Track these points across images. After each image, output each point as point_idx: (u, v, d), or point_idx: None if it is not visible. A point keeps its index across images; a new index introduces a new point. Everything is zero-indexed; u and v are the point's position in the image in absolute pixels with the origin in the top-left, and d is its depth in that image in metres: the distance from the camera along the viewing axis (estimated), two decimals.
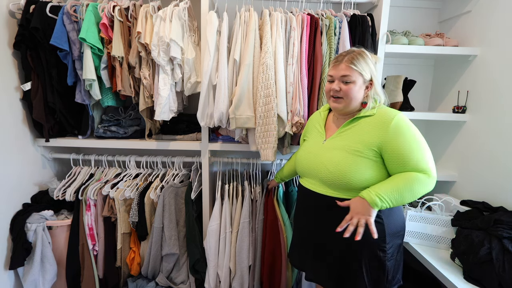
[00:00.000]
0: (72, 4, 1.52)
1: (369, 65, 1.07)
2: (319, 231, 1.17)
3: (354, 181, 1.04)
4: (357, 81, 1.06)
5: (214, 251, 1.69)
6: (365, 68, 1.06)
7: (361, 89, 1.08)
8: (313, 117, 1.34)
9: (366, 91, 1.09)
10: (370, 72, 1.07)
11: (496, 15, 1.52)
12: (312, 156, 1.17)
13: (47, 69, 1.56)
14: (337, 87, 1.08)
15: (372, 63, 1.09)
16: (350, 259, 1.10)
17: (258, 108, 1.46)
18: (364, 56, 1.07)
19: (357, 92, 1.07)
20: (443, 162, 1.86)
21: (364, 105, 1.10)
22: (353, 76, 1.05)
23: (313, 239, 1.20)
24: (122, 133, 1.75)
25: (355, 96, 1.07)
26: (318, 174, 1.12)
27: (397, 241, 1.12)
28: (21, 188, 1.65)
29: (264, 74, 1.42)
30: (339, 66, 1.08)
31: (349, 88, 1.06)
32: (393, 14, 1.59)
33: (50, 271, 1.61)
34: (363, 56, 1.07)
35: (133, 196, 1.68)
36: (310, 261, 1.22)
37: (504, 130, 1.44)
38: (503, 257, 1.14)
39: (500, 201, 1.41)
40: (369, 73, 1.07)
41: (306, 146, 1.26)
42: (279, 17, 1.46)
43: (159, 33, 1.43)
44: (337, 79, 1.09)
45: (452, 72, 1.81)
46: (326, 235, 1.13)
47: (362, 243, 1.01)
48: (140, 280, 1.72)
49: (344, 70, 1.06)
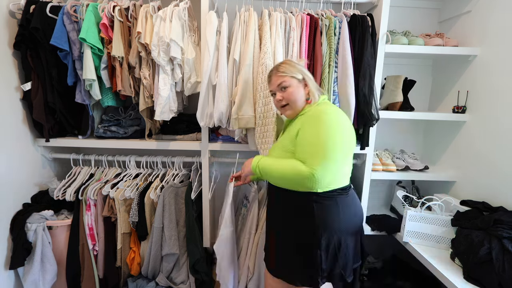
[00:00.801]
0: (72, 4, 1.52)
1: (295, 67, 1.17)
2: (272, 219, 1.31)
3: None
4: (292, 83, 1.16)
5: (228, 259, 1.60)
6: (293, 71, 1.16)
7: (299, 89, 1.17)
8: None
9: (306, 89, 1.19)
10: (299, 72, 1.17)
11: (496, 15, 1.52)
12: (270, 154, 1.30)
13: (47, 69, 1.56)
14: (279, 97, 1.18)
15: (299, 65, 1.19)
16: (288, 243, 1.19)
17: (257, 108, 1.46)
18: (287, 63, 1.19)
19: (296, 93, 1.16)
20: (443, 162, 1.86)
21: (308, 101, 1.19)
22: (286, 81, 1.16)
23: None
24: (122, 133, 1.75)
25: (296, 97, 1.17)
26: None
27: (334, 235, 1.11)
28: (21, 188, 1.65)
29: (264, 74, 1.42)
30: (272, 79, 1.21)
31: (288, 92, 1.16)
32: (393, 14, 1.59)
33: (50, 271, 1.61)
34: (287, 62, 1.19)
35: (133, 196, 1.68)
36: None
37: (504, 130, 1.44)
38: (503, 257, 1.14)
39: (500, 201, 1.41)
40: (299, 73, 1.17)
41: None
42: (279, 17, 1.46)
43: (159, 33, 1.43)
44: (276, 90, 1.20)
45: (452, 72, 1.81)
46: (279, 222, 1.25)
47: (297, 231, 1.14)
48: (140, 280, 1.72)
49: (277, 80, 1.18)
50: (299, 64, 1.20)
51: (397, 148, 1.96)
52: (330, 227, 1.10)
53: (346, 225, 1.14)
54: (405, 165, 1.75)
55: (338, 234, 1.11)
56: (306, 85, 1.18)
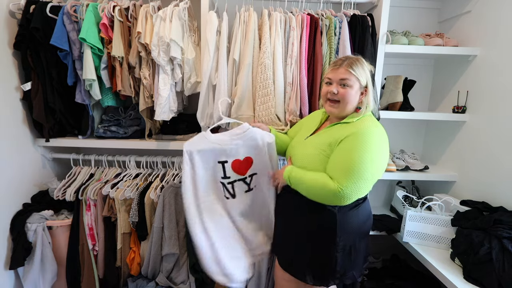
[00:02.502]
0: (72, 4, 1.52)
1: (365, 71, 1.11)
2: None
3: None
4: (354, 85, 1.10)
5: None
6: (362, 74, 1.09)
7: (357, 94, 1.11)
8: (315, 113, 1.37)
9: (361, 97, 1.12)
10: (366, 78, 1.11)
11: (496, 15, 1.52)
12: (295, 148, 1.26)
13: (47, 69, 1.56)
14: (335, 90, 1.11)
15: (368, 70, 1.12)
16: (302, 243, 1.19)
17: (256, 107, 1.47)
18: (362, 63, 1.11)
19: (353, 96, 1.10)
20: (443, 162, 1.86)
21: (357, 110, 1.13)
22: (351, 80, 1.09)
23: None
24: (122, 133, 1.75)
25: (351, 100, 1.10)
26: (296, 163, 1.21)
27: (350, 238, 1.13)
28: (21, 188, 1.65)
29: (263, 74, 1.42)
30: (338, 69, 1.11)
31: (347, 92, 1.09)
32: (393, 14, 1.59)
33: (50, 271, 1.61)
34: (361, 63, 1.11)
35: (133, 196, 1.68)
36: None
37: (504, 130, 1.44)
38: (503, 257, 1.14)
39: (500, 201, 1.41)
40: (365, 79, 1.10)
41: (295, 139, 1.33)
42: (278, 18, 1.46)
43: (159, 33, 1.43)
44: (335, 82, 1.12)
45: (452, 72, 1.81)
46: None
47: (315, 230, 1.15)
48: (140, 280, 1.72)
49: (343, 74, 1.10)
50: (368, 69, 1.12)
51: (397, 148, 1.96)
52: (348, 230, 1.11)
53: (361, 228, 1.16)
54: (405, 165, 1.75)
55: (353, 236, 1.13)
56: (363, 94, 1.12)
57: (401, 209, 1.84)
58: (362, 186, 1.01)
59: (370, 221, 1.22)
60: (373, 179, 1.05)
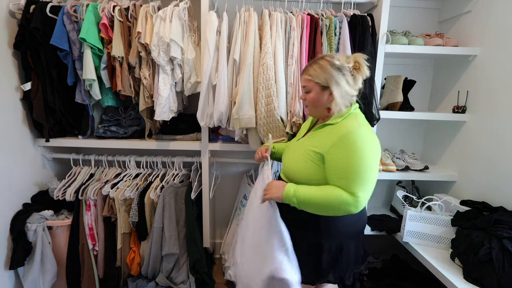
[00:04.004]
0: (72, 4, 1.52)
1: (326, 71, 1.05)
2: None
3: (302, 179, 1.11)
4: (313, 89, 1.10)
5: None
6: (319, 75, 1.06)
7: (320, 96, 1.09)
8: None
9: (330, 97, 1.08)
10: (327, 78, 1.05)
11: (496, 15, 1.52)
12: (286, 151, 1.27)
13: (47, 69, 1.56)
14: (303, 96, 1.16)
15: (333, 67, 1.05)
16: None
17: (260, 108, 1.46)
18: (322, 64, 1.06)
19: (316, 100, 1.10)
20: (443, 162, 1.86)
21: (328, 111, 1.10)
22: (309, 85, 1.11)
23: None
24: (122, 133, 1.75)
25: (315, 104, 1.11)
26: (284, 167, 1.23)
27: (337, 239, 1.13)
28: (21, 188, 1.65)
29: (265, 74, 1.42)
30: (301, 77, 1.17)
31: (309, 97, 1.12)
32: (393, 14, 1.59)
33: (50, 271, 1.61)
34: (319, 63, 1.07)
35: (133, 196, 1.68)
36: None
37: (504, 130, 1.44)
38: (503, 257, 1.14)
39: (500, 201, 1.41)
40: (324, 78, 1.05)
41: (292, 140, 1.34)
42: (279, 18, 1.46)
43: (159, 33, 1.43)
44: (302, 89, 1.17)
45: (452, 72, 1.81)
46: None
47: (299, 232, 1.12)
48: (140, 280, 1.72)
49: (303, 81, 1.14)
50: (335, 65, 1.05)
51: (397, 148, 1.96)
52: (333, 231, 1.11)
53: (350, 229, 1.15)
54: (405, 165, 1.75)
55: (340, 237, 1.12)
56: (331, 93, 1.07)
57: (401, 209, 1.84)
58: (370, 187, 1.02)
59: (361, 222, 1.19)
60: (376, 177, 1.05)
